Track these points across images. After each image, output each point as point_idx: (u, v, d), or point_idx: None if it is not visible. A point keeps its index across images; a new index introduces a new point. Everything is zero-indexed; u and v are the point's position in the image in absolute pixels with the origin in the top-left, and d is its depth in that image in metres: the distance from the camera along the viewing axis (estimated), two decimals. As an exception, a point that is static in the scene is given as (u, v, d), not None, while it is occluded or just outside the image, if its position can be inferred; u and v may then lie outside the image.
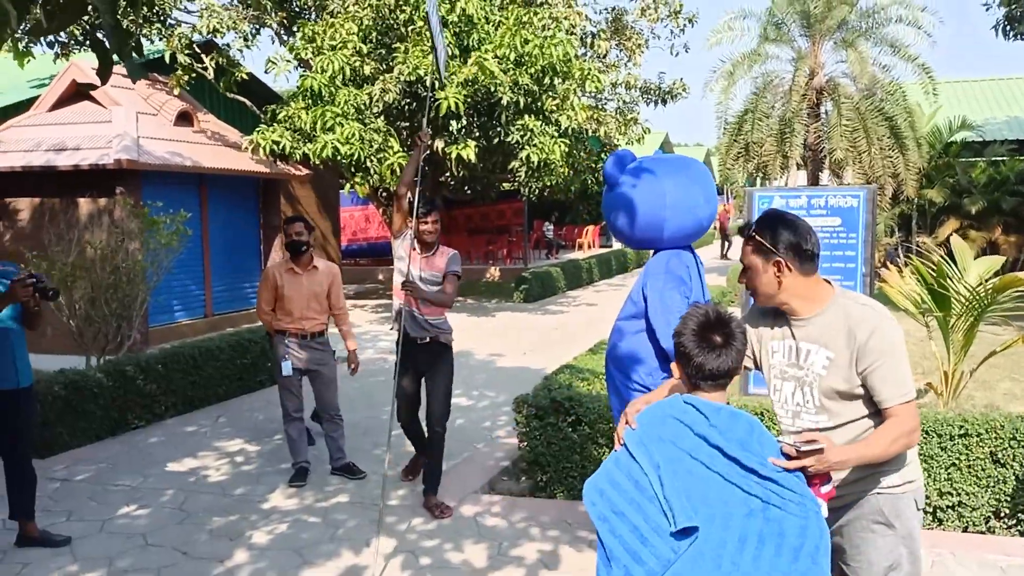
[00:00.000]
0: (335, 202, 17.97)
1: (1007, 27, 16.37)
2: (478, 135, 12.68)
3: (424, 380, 5.21)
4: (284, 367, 5.60)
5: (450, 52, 11.42)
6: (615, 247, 26.54)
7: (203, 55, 13.30)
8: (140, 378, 6.98)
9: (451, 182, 14.77)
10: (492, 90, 11.40)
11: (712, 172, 17.36)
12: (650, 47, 16.20)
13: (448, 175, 14.19)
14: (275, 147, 12.04)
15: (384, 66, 12.22)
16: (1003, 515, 4.56)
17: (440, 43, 4.60)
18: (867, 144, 16.53)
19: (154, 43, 13.95)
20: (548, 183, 13.55)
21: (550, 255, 25.53)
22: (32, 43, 9.97)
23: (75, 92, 11.45)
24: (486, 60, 11.03)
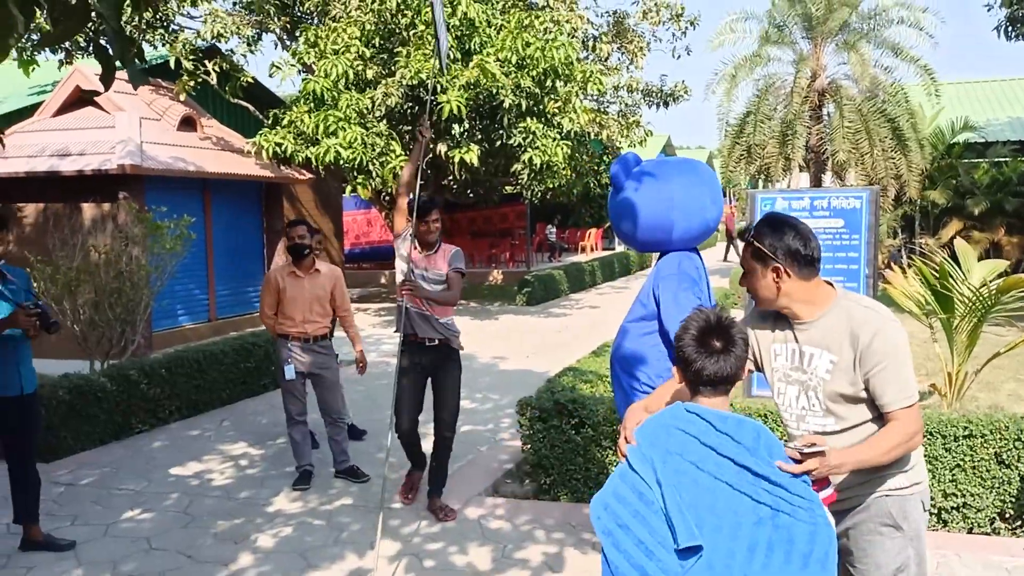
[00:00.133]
0: (338, 206, 18.01)
1: (1009, 28, 16.33)
2: (480, 138, 12.69)
3: (431, 384, 5.11)
4: (287, 371, 5.59)
5: (452, 56, 11.44)
6: (618, 250, 26.54)
7: (207, 60, 13.34)
8: (144, 382, 7.00)
9: (454, 186, 14.78)
10: (494, 93, 11.41)
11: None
12: (652, 50, 16.20)
13: (451, 178, 14.20)
14: (278, 150, 12.06)
15: (386, 70, 12.25)
16: (1008, 516, 4.55)
17: (442, 34, 4.58)
18: (869, 146, 16.51)
19: (157, 49, 14.00)
20: (550, 186, 13.54)
21: (553, 258, 25.52)
22: (38, 52, 10.01)
23: (79, 98, 11.50)
24: (488, 63, 11.05)
